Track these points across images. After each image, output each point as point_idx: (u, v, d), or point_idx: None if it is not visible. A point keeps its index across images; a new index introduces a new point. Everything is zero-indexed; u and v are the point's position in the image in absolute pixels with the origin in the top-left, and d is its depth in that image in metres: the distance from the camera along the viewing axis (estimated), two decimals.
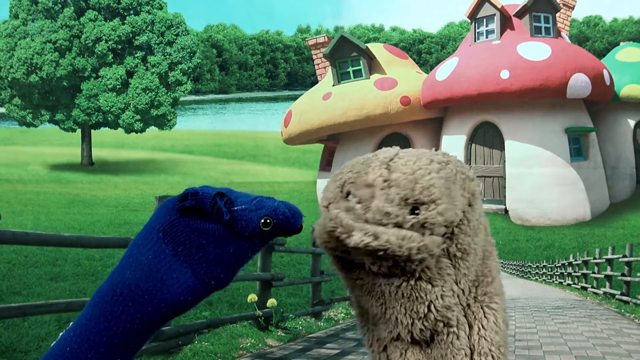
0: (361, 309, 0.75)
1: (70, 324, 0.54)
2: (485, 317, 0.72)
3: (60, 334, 0.54)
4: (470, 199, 0.71)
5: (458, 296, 0.71)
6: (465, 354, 0.72)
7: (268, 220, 0.54)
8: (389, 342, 0.74)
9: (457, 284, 0.71)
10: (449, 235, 0.70)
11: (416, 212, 0.67)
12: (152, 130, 40.38)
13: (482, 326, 0.72)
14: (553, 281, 22.16)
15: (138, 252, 0.53)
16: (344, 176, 0.71)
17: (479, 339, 0.72)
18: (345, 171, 0.72)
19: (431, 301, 0.70)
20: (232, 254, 0.54)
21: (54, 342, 0.54)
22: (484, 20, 22.27)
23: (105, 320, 0.52)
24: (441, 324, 0.71)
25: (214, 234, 0.54)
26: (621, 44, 27.73)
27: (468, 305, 0.72)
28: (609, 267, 13.82)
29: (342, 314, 9.52)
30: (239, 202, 0.54)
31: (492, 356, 0.72)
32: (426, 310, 0.70)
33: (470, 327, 0.72)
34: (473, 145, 22.10)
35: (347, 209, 0.69)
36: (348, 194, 0.70)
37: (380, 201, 0.68)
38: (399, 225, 0.68)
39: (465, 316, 0.72)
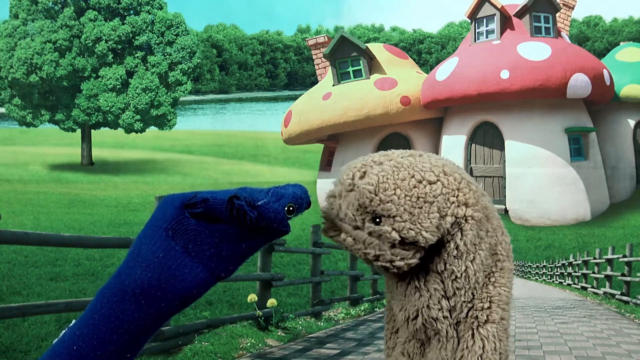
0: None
1: (72, 322, 0.54)
2: (472, 338, 0.72)
3: (62, 332, 0.54)
4: (461, 222, 0.70)
5: (450, 311, 0.72)
6: None
7: (291, 208, 0.56)
8: (400, 326, 0.77)
9: (447, 300, 0.72)
10: (432, 253, 0.70)
11: (377, 221, 0.68)
12: (152, 130, 40.35)
13: (467, 347, 0.72)
14: (553, 281, 22.16)
15: (147, 251, 0.53)
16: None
17: (462, 356, 0.72)
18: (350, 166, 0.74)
19: (419, 308, 0.72)
20: (245, 249, 0.56)
21: (56, 339, 0.54)
22: (484, 20, 22.27)
23: (117, 319, 0.52)
24: (431, 332, 0.73)
25: (227, 232, 0.55)
26: (621, 44, 27.71)
27: (459, 322, 0.73)
28: (609, 267, 13.82)
29: (342, 314, 9.51)
30: (256, 198, 0.55)
31: None
32: (415, 314, 0.73)
33: (460, 343, 0.73)
34: (473, 145, 22.09)
35: (331, 204, 0.72)
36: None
37: (344, 202, 0.70)
38: (357, 229, 0.70)
39: (457, 331, 0.73)
